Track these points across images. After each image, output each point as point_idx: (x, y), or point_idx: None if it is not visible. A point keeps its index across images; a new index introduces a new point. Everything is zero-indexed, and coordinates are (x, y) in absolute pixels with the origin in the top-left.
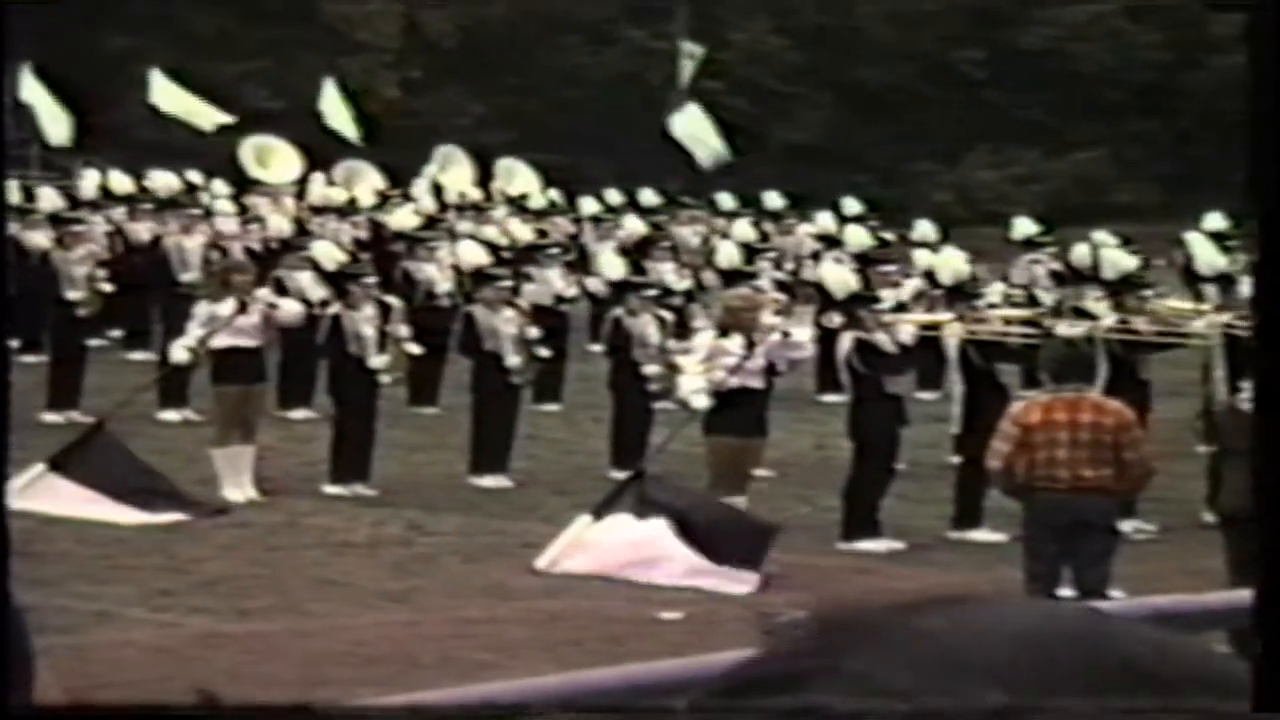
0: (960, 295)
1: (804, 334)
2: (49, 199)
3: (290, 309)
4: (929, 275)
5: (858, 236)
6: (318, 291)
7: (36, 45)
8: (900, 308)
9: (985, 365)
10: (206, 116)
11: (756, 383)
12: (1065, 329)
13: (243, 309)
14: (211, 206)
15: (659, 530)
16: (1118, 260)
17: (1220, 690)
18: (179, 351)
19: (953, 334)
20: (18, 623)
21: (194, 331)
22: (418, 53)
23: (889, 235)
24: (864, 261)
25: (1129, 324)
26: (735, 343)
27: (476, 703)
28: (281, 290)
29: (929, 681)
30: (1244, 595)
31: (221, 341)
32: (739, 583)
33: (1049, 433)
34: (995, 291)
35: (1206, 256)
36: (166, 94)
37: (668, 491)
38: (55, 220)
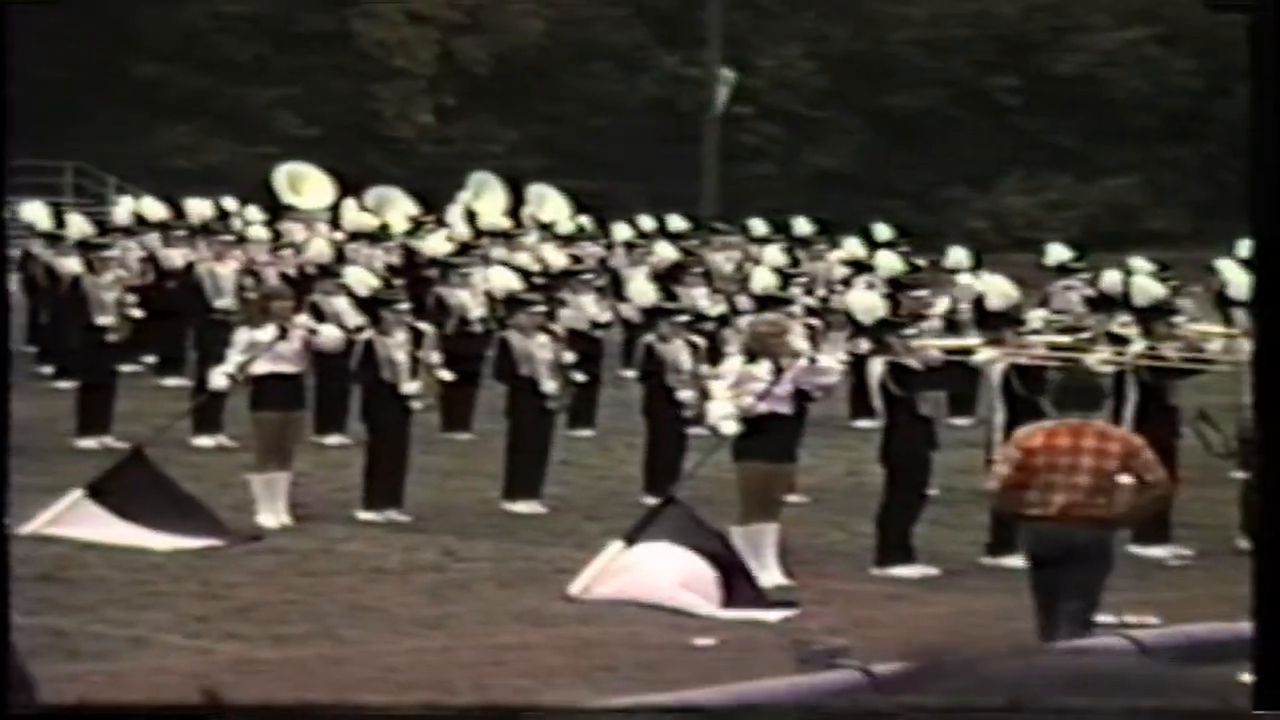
0: (1003, 321)
1: (831, 360)
2: (78, 225)
3: (330, 334)
4: (978, 301)
5: (889, 262)
6: (354, 317)
7: (69, 71)
8: (925, 324)
9: (1028, 393)
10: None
11: (785, 409)
12: (1100, 355)
13: (283, 335)
14: (244, 233)
15: (692, 557)
16: (1147, 287)
17: None
18: (219, 378)
19: (996, 360)
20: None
21: (234, 358)
22: (451, 79)
23: (921, 261)
24: (895, 287)
25: (1157, 350)
26: (763, 368)
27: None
28: (319, 316)
29: None
30: None
31: (262, 368)
32: (772, 610)
33: (1050, 458)
34: (1036, 317)
35: (1239, 282)
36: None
37: (690, 526)
38: (85, 246)
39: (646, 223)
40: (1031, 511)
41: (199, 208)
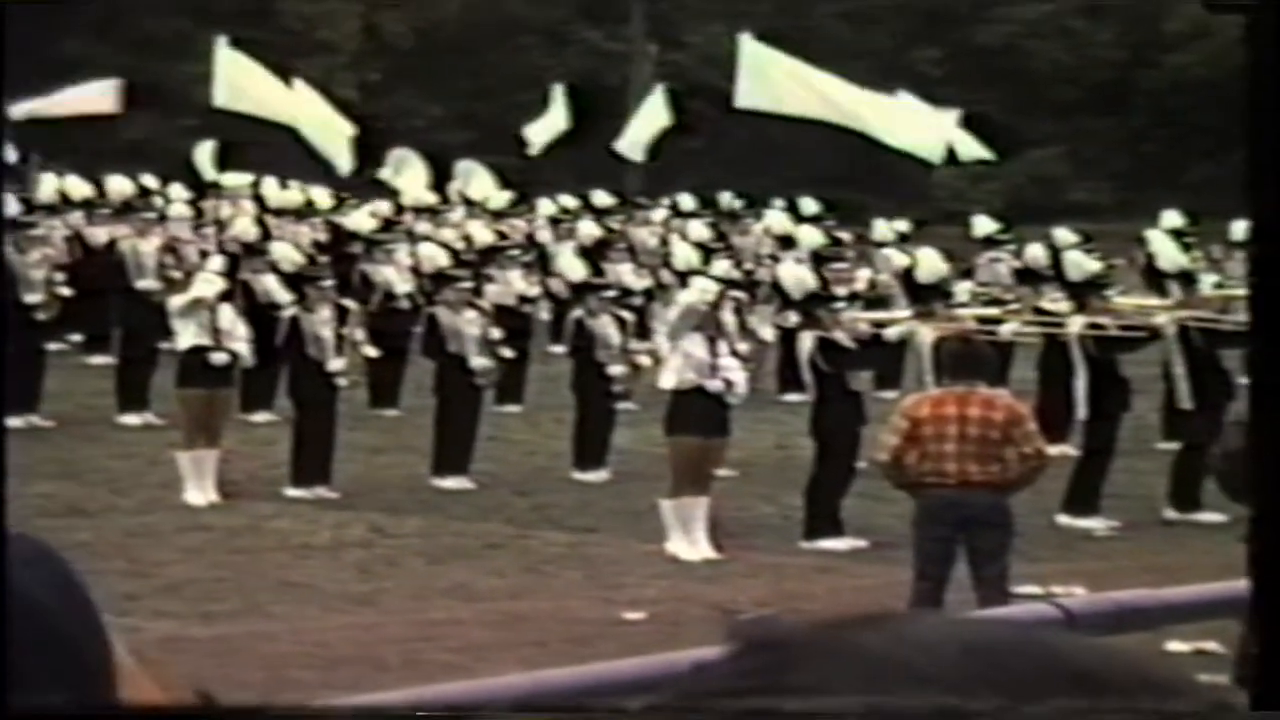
0: (931, 294)
1: (741, 374)
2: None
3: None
4: (906, 274)
5: (811, 236)
6: (283, 294)
7: None
8: (853, 298)
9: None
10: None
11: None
12: (1011, 328)
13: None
14: (166, 210)
15: None
16: (1081, 262)
17: (1163, 693)
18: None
19: (926, 334)
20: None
21: (185, 323)
22: (375, 55)
23: (845, 234)
24: (818, 260)
25: (1100, 325)
26: (696, 342)
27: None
28: (248, 294)
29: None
30: (1204, 590)
31: (187, 343)
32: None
33: (938, 427)
34: (964, 290)
35: (1168, 254)
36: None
37: None
38: (11, 224)
39: (572, 200)
40: (927, 480)
41: (121, 185)
